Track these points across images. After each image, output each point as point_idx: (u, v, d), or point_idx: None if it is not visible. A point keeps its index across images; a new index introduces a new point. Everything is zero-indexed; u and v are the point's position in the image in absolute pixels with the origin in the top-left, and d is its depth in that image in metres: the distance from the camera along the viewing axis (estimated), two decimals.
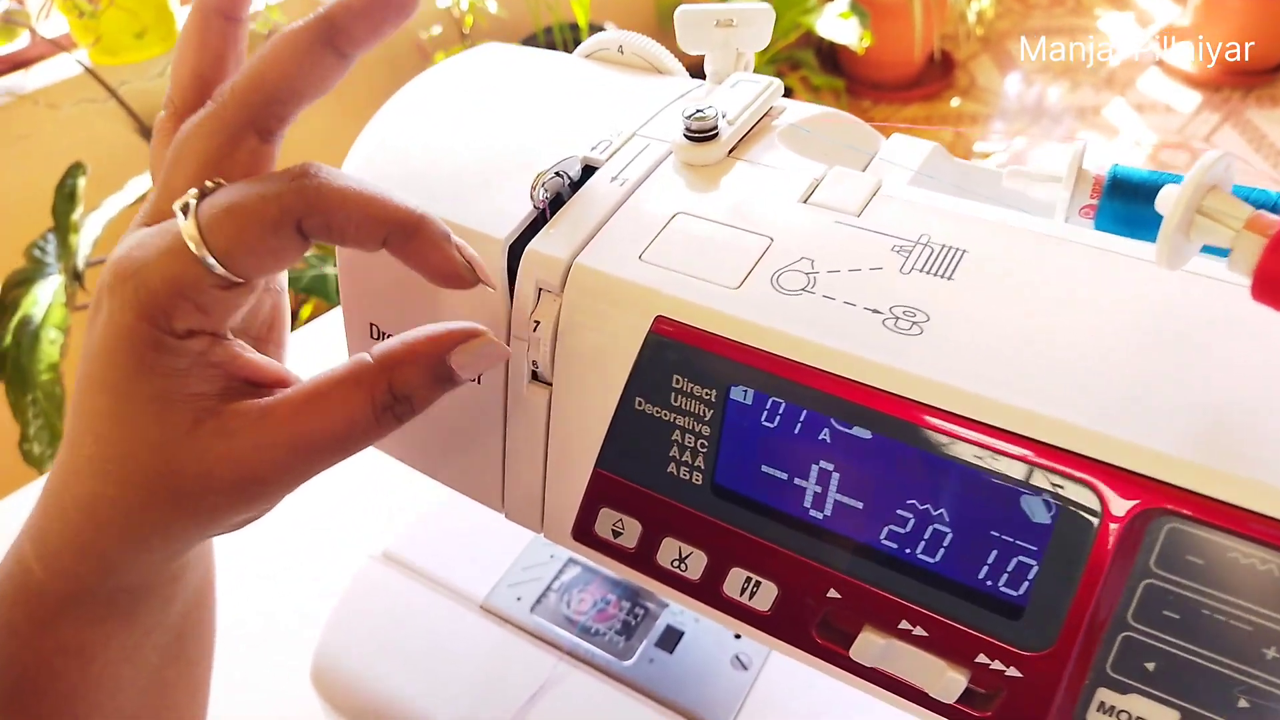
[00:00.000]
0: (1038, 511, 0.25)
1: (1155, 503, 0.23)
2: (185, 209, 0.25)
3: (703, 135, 0.31)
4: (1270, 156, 2.17)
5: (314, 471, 0.27)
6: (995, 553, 0.26)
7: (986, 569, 0.26)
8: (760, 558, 0.29)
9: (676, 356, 0.28)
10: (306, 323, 0.79)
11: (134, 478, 0.26)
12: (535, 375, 0.31)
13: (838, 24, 1.82)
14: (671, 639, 0.46)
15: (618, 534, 0.31)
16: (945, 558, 0.26)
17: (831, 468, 0.27)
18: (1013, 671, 0.26)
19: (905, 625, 0.27)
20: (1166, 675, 0.24)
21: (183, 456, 0.26)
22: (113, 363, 0.26)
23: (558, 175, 0.31)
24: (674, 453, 0.29)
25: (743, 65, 0.36)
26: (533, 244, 0.30)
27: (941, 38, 2.44)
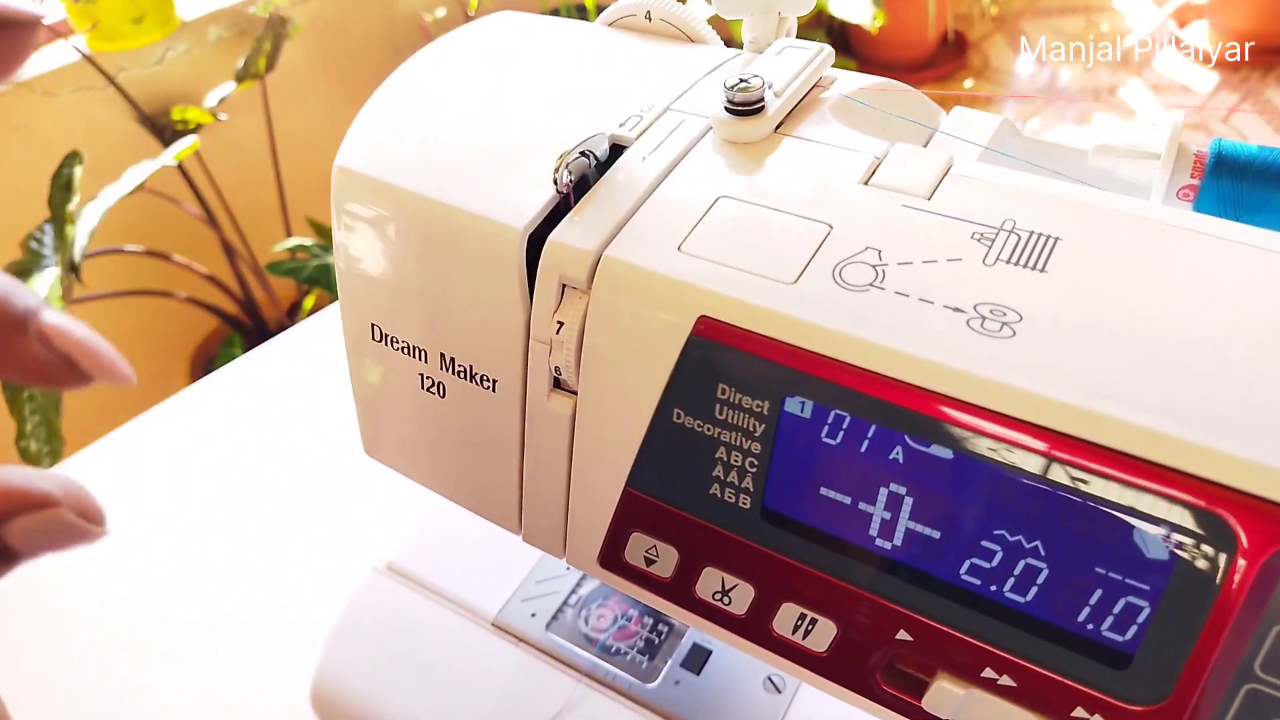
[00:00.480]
0: (1154, 546, 0.21)
1: None
2: None
3: (747, 108, 0.27)
4: None
5: None
6: (1100, 592, 0.22)
7: (1089, 611, 0.22)
8: (817, 592, 0.25)
9: (722, 362, 0.24)
10: (310, 314, 0.76)
11: None
12: (558, 383, 0.28)
13: (850, 3, 1.78)
14: (698, 659, 0.44)
15: (651, 562, 0.28)
16: (1039, 597, 0.23)
17: (904, 491, 0.24)
18: None
19: (990, 673, 0.24)
20: None
21: None
22: None
23: (583, 155, 0.27)
24: (718, 472, 0.26)
25: (784, 31, 0.32)
26: (555, 234, 0.26)
27: (955, 18, 2.39)
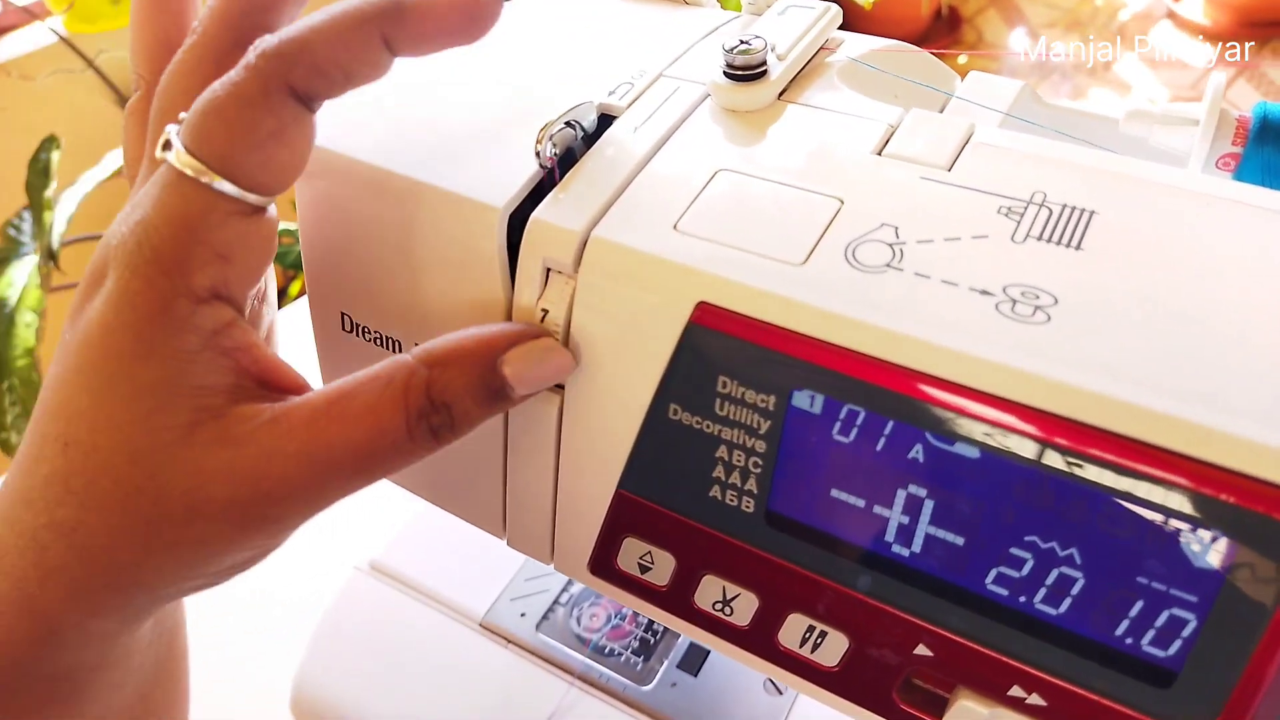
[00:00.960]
0: (1203, 553, 0.19)
1: None
2: (167, 144, 0.21)
3: (748, 73, 0.25)
4: None
5: (331, 495, 0.22)
6: (1141, 604, 0.20)
7: (1128, 624, 0.20)
8: (827, 602, 0.23)
9: (723, 353, 0.22)
10: (296, 299, 0.74)
11: (103, 499, 0.21)
12: None
13: None
14: (695, 659, 0.42)
15: (646, 569, 0.26)
16: (1073, 608, 0.21)
17: (924, 494, 0.21)
18: None
19: (1018, 691, 0.22)
20: None
21: (171, 469, 0.21)
22: (105, 348, 0.21)
23: (569, 126, 0.25)
24: (718, 473, 0.23)
25: None
26: (538, 212, 0.24)
27: None
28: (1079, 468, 0.19)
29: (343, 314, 0.28)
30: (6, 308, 1.09)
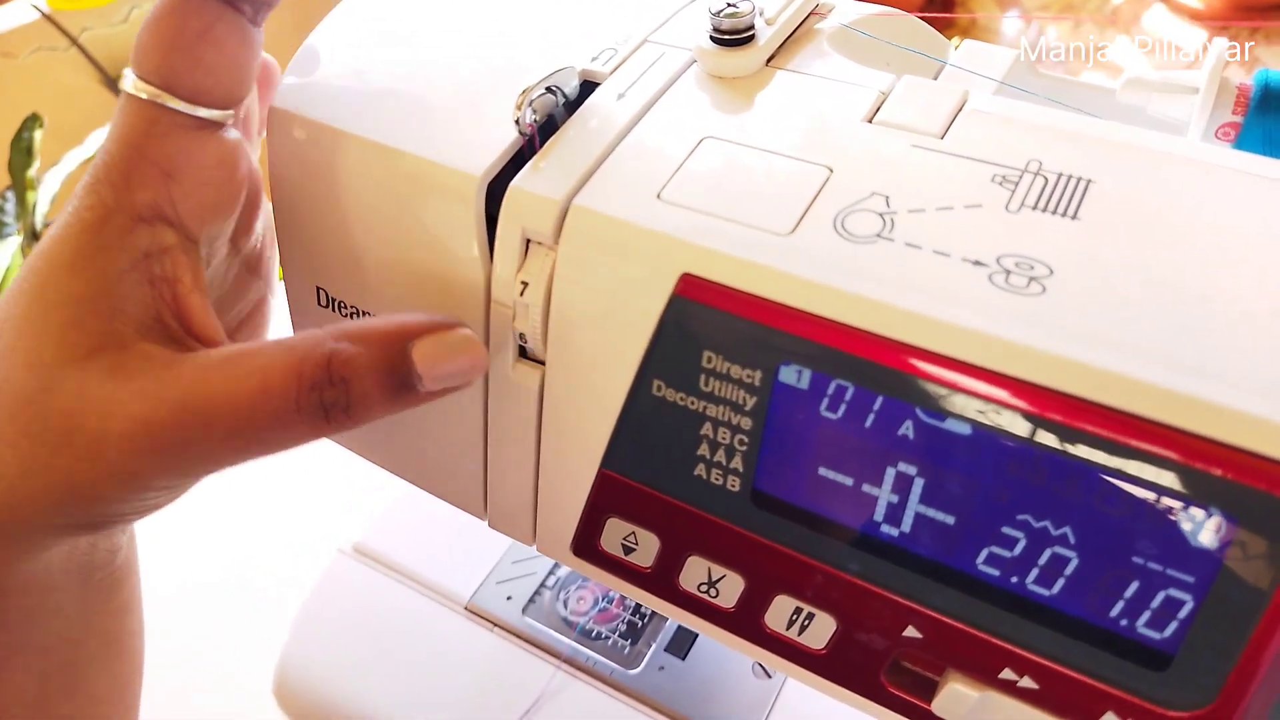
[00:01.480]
0: (1201, 531, 0.19)
1: None
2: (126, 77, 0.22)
3: (735, 38, 0.24)
4: None
5: (201, 455, 0.21)
6: (1137, 584, 0.20)
7: (1123, 605, 0.20)
8: (814, 584, 0.23)
9: (708, 327, 0.21)
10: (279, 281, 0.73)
11: (2, 402, 0.21)
12: (523, 351, 0.25)
13: None
14: (683, 643, 0.42)
15: (629, 550, 0.25)
16: (1066, 589, 0.20)
17: (914, 471, 0.21)
18: None
19: (1009, 674, 0.21)
20: None
21: (62, 388, 0.21)
22: (46, 256, 0.22)
23: (549, 92, 0.24)
24: (703, 450, 0.23)
25: None
26: (517, 180, 0.23)
27: None
28: (1073, 443, 0.19)
29: (318, 288, 0.27)
30: None
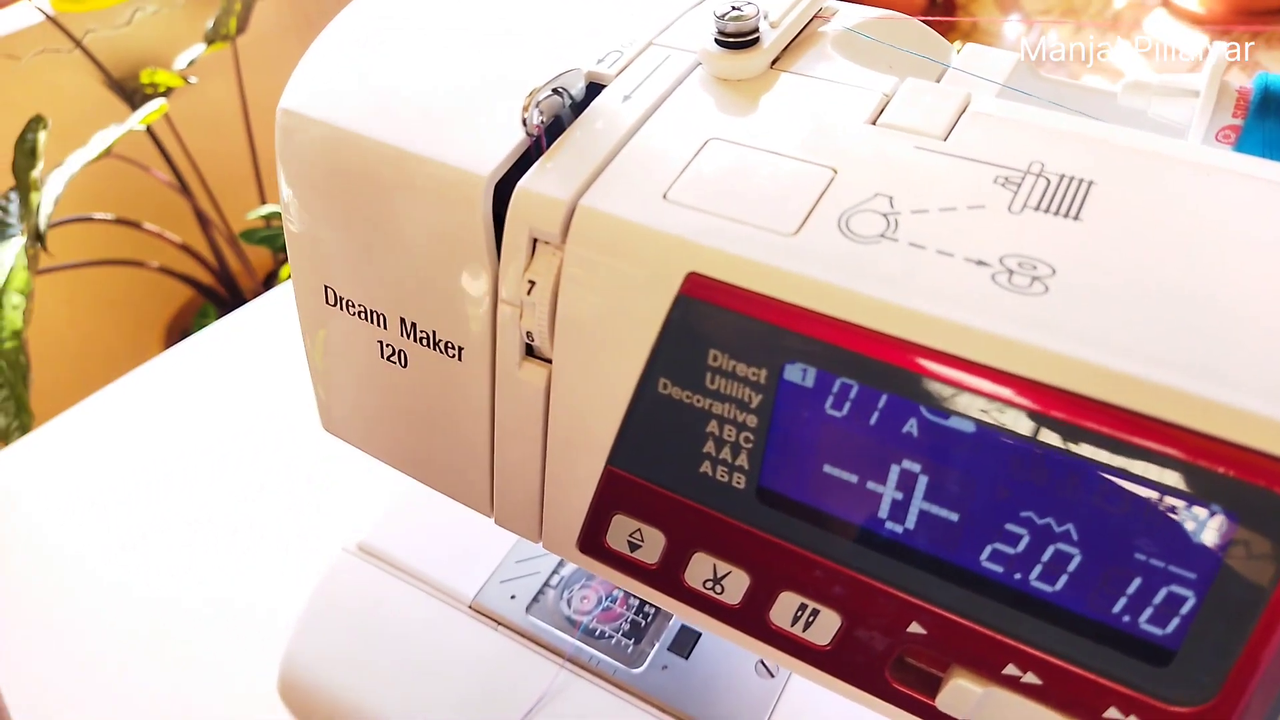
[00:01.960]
0: (1204, 529, 0.19)
1: None
2: None
3: (740, 40, 0.24)
4: None
5: None
6: (1139, 581, 0.20)
7: (1126, 601, 0.20)
8: (819, 580, 0.23)
9: (713, 325, 0.22)
10: (286, 281, 0.73)
11: None
12: (530, 350, 0.25)
13: None
14: (687, 642, 0.41)
15: (635, 547, 0.25)
16: (1070, 585, 0.20)
17: (918, 469, 0.21)
18: None
19: (1012, 670, 0.21)
20: None
21: None
22: None
23: (556, 94, 0.24)
24: (709, 448, 0.23)
25: None
26: (524, 181, 0.23)
27: None
28: (1075, 441, 0.19)
29: (326, 287, 0.28)
30: None
